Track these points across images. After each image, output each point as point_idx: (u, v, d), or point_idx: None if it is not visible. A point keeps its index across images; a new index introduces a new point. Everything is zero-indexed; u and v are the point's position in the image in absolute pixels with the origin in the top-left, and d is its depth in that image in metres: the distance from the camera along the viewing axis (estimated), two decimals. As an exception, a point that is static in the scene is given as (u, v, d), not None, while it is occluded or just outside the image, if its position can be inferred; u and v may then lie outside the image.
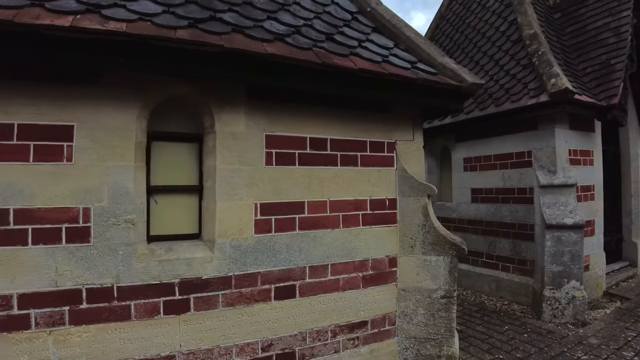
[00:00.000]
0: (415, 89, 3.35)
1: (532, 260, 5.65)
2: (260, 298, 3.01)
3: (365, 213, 3.46)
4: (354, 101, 3.33)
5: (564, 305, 5.03)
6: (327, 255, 3.28)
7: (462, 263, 6.83)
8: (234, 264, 2.92)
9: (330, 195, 3.30)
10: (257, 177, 3.01)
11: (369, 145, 3.49)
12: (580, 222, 5.00)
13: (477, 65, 6.95)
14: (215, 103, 2.89)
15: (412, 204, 3.57)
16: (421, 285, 3.55)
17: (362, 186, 3.45)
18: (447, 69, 3.57)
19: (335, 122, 3.33)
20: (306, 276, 3.19)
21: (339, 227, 3.33)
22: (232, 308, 2.91)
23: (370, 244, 3.47)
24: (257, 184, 3.01)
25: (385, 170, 3.57)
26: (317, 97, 3.18)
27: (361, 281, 3.44)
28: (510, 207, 6.01)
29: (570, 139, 5.61)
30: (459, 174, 6.93)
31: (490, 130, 6.24)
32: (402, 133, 3.67)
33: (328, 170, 3.29)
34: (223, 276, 2.87)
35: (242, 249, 2.94)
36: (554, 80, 5.07)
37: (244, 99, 2.97)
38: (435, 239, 3.49)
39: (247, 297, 2.96)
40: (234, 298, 2.91)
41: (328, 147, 3.30)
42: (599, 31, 6.53)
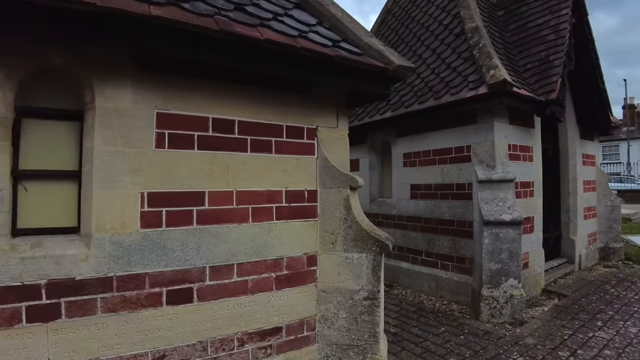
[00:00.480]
0: (337, 70, 3.01)
1: (471, 258, 5.49)
2: (149, 303, 2.57)
3: (280, 206, 3.09)
4: (267, 79, 2.95)
5: (502, 305, 4.86)
6: (233, 253, 2.87)
7: (402, 261, 6.64)
8: (116, 263, 2.45)
9: (238, 185, 2.90)
10: (145, 161, 2.57)
11: (285, 130, 3.12)
12: (519, 218, 4.85)
13: (419, 58, 6.77)
14: (96, 75, 2.43)
15: (334, 196, 3.24)
16: (343, 286, 3.21)
17: (277, 176, 3.08)
18: (373, 50, 3.28)
19: (245, 102, 2.93)
20: (206, 278, 2.77)
21: (247, 221, 2.93)
22: (114, 314, 2.44)
23: (285, 240, 3.10)
24: (145, 170, 2.56)
25: (304, 159, 3.21)
26: (223, 73, 2.78)
27: (274, 282, 3.06)
28: (449, 203, 5.83)
29: (510, 133, 5.50)
30: (398, 169, 6.71)
31: (429, 124, 6.06)
32: (324, 119, 3.33)
33: (235, 157, 2.89)
34: (102, 277, 2.40)
35: (124, 246, 2.48)
36: (493, 72, 4.91)
37: (131, 70, 2.52)
38: (358, 234, 3.16)
39: (132, 301, 2.50)
40: (116, 303, 2.45)
41: (236, 130, 2.90)
42: (540, 28, 6.53)
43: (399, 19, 8.25)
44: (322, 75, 2.99)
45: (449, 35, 6.45)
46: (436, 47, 6.57)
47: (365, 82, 3.22)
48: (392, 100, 6.60)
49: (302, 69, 2.87)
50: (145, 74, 2.57)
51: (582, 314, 5.15)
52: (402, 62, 3.26)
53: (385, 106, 6.65)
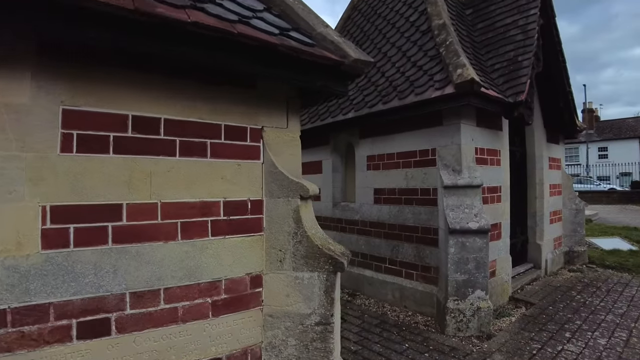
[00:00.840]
0: (284, 62, 2.60)
1: (436, 267, 5.20)
2: (55, 338, 2.08)
3: (217, 219, 2.65)
4: (202, 71, 2.52)
5: (468, 318, 4.59)
6: (159, 277, 2.42)
7: (365, 269, 6.31)
8: (10, 292, 1.96)
9: (164, 196, 2.44)
10: (47, 169, 2.08)
11: (224, 130, 2.68)
12: (486, 226, 4.59)
13: (385, 56, 6.46)
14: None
15: (282, 207, 2.83)
16: (292, 310, 2.81)
17: (214, 184, 2.64)
18: (327, 41, 2.89)
19: (174, 98, 2.48)
20: (126, 306, 2.31)
21: (175, 238, 2.48)
22: (9, 355, 1.96)
23: (224, 259, 2.67)
24: (47, 179, 2.08)
25: (247, 164, 2.79)
26: (146, 63, 2.33)
27: (211, 308, 2.63)
28: (413, 209, 5.52)
29: (477, 136, 5.24)
30: (362, 172, 6.37)
31: (394, 126, 5.74)
32: (272, 118, 2.91)
33: (161, 162, 2.43)
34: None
35: (21, 272, 1.99)
36: (460, 71, 4.63)
37: (30, 58, 2.04)
38: (309, 250, 2.77)
39: (33, 337, 2.02)
40: (11, 340, 1.96)
41: (161, 131, 2.44)
42: (508, 28, 6.34)
43: (365, 15, 7.93)
44: (267, 68, 2.58)
45: (416, 33, 6.15)
46: (402, 45, 6.26)
47: (319, 77, 2.82)
48: (356, 100, 6.26)
49: (242, 59, 2.45)
50: (48, 62, 2.08)
51: (550, 325, 4.94)
52: (360, 56, 2.88)
53: (349, 106, 6.29)
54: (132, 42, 2.11)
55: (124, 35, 2.06)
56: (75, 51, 2.13)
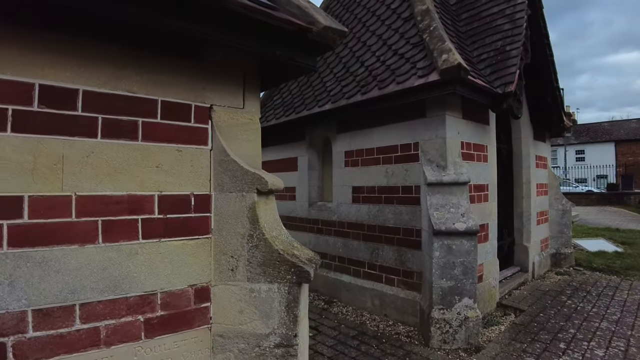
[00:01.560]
0: (239, 25, 2.11)
1: (419, 272, 4.75)
2: None
3: (150, 218, 2.12)
4: (132, 32, 2.01)
5: (455, 329, 4.14)
6: (73, 289, 1.88)
7: (343, 274, 5.83)
8: None
9: (80, 187, 1.91)
10: None
11: (161, 107, 2.16)
12: (474, 227, 4.15)
13: (364, 45, 6.01)
14: None
15: (235, 204, 2.32)
16: (246, 329, 2.30)
17: (146, 174, 2.11)
18: (292, 5, 2.43)
19: (96, 64, 1.96)
20: (28, 327, 1.77)
21: (96, 241, 1.95)
22: None
23: (159, 268, 2.15)
24: None
25: (190, 151, 2.27)
26: (62, 19, 1.81)
27: (143, 328, 2.10)
28: (394, 208, 5.06)
29: (463, 129, 4.82)
30: (340, 169, 5.88)
31: (373, 118, 5.29)
32: (224, 95, 2.41)
33: (77, 144, 1.90)
34: None
35: None
36: (446, 56, 4.20)
37: None
38: (267, 257, 2.27)
39: None
40: None
41: (79, 105, 1.91)
42: (494, 17, 5.95)
43: (343, 5, 7.47)
44: (216, 32, 2.08)
45: (397, 20, 5.72)
46: (382, 33, 5.82)
47: (282, 47, 2.34)
48: (333, 91, 5.79)
49: (183, 19, 1.94)
50: None
51: (542, 334, 4.54)
52: (331, 24, 2.41)
53: (326, 97, 5.82)
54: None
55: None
56: None
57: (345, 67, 6.03)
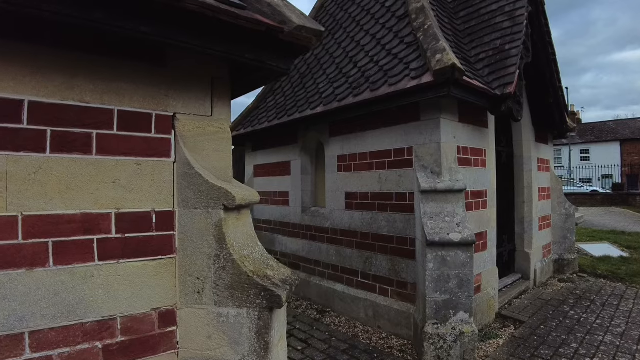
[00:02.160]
0: (201, 26, 1.91)
1: (413, 284, 4.54)
2: None
3: (107, 238, 1.93)
4: (83, 37, 1.82)
5: (450, 344, 3.93)
6: (21, 316, 1.69)
7: (336, 282, 5.63)
8: None
9: (27, 207, 1.72)
10: None
11: (117, 117, 1.96)
12: (470, 238, 3.93)
13: (358, 45, 5.80)
14: None
15: (200, 221, 2.13)
16: (215, 355, 2.11)
17: (101, 190, 1.92)
18: (262, 3, 2.21)
19: (46, 72, 1.76)
20: (-34, 360, 1.60)
21: (46, 264, 1.75)
22: None
23: (118, 291, 1.95)
24: None
25: (151, 164, 2.07)
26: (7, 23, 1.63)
27: (102, 355, 1.90)
28: (387, 216, 4.85)
29: (460, 133, 4.60)
30: (332, 174, 5.67)
31: (366, 122, 5.08)
32: (189, 102, 2.20)
33: (23, 160, 1.71)
34: None
35: None
36: (440, 56, 3.98)
37: None
38: (235, 279, 2.07)
39: None
40: None
41: (24, 117, 1.72)
42: (493, 15, 5.75)
43: (338, 4, 7.27)
44: (177, 34, 1.87)
45: (392, 19, 5.51)
46: (376, 33, 5.61)
47: (250, 50, 2.13)
48: (325, 93, 5.58)
49: (133, 20, 1.74)
50: None
51: (543, 349, 4.32)
52: (306, 23, 2.20)
53: (318, 100, 5.61)
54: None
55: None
56: None
57: (339, 68, 5.82)
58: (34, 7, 1.51)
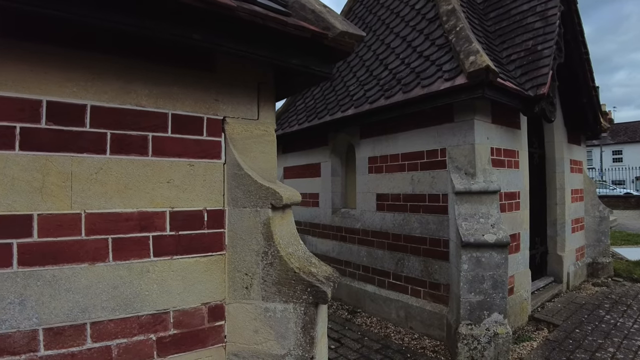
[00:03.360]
0: (250, 33, 2.02)
1: (446, 285, 4.54)
2: None
3: (162, 235, 2.05)
4: (137, 44, 1.94)
5: (484, 345, 3.92)
6: (83, 308, 1.82)
7: (367, 283, 5.67)
8: None
9: (89, 205, 1.85)
10: None
11: (171, 120, 2.09)
12: (505, 239, 3.92)
13: (388, 47, 5.85)
14: None
15: (249, 220, 2.23)
16: (261, 349, 2.20)
17: (157, 190, 2.04)
18: (306, 10, 2.32)
19: (105, 78, 1.90)
20: (39, 346, 1.72)
21: (106, 259, 1.88)
22: None
23: (171, 286, 2.07)
24: None
25: (203, 165, 2.19)
26: (64, 33, 1.76)
27: (156, 347, 2.02)
28: (420, 217, 4.87)
29: (493, 135, 4.59)
30: (363, 176, 5.73)
31: (398, 123, 5.12)
32: (237, 106, 2.31)
33: (85, 161, 1.84)
34: None
35: None
36: (473, 58, 4.00)
37: None
38: (282, 276, 2.16)
39: None
40: None
41: (87, 121, 1.85)
42: (524, 15, 5.70)
43: (367, 7, 7.34)
44: (225, 40, 1.98)
45: (422, 21, 5.54)
46: (407, 35, 5.65)
47: (295, 55, 2.23)
48: (356, 95, 5.65)
49: (187, 28, 1.85)
50: None
51: (578, 352, 4.26)
52: (348, 28, 2.28)
53: (349, 102, 5.69)
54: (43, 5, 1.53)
55: None
56: None
57: (369, 70, 5.89)
58: (96, 18, 1.63)
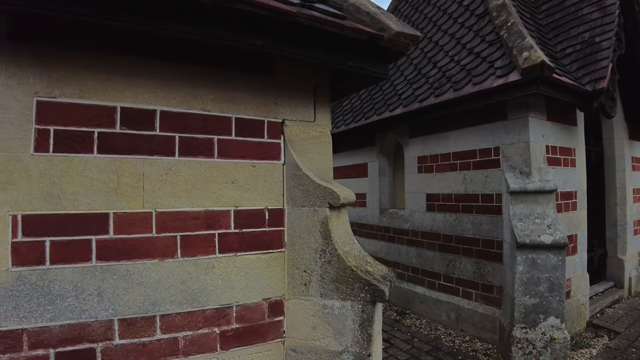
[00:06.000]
0: (308, 37, 2.08)
1: (499, 287, 4.44)
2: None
3: (226, 233, 2.16)
4: (202, 51, 2.05)
5: (539, 350, 3.81)
6: (154, 301, 1.96)
7: (416, 285, 5.62)
8: None
9: (160, 204, 1.98)
10: (19, 171, 1.71)
11: (235, 124, 2.19)
12: (562, 240, 3.79)
13: (436, 45, 5.78)
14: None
15: (307, 218, 2.29)
16: (319, 345, 2.26)
17: (222, 190, 2.15)
18: (362, 13, 2.35)
19: (173, 84, 2.03)
20: (114, 335, 1.87)
21: (174, 255, 2.01)
22: None
23: (234, 281, 2.17)
24: (18, 183, 1.71)
25: (264, 166, 2.28)
26: (136, 43, 1.90)
27: (219, 340, 2.14)
28: (472, 218, 4.78)
29: (548, 132, 4.44)
30: (412, 176, 5.69)
31: (448, 122, 5.05)
32: (295, 109, 2.39)
33: (156, 163, 1.98)
34: None
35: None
36: (527, 54, 3.89)
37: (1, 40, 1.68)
38: (340, 273, 2.21)
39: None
40: None
41: (157, 125, 1.99)
42: (580, 6, 5.46)
43: (412, 5, 7.29)
44: (285, 46, 2.06)
45: (470, 17, 5.44)
46: (455, 32, 5.56)
47: (352, 57, 2.27)
48: (404, 94, 5.63)
49: (250, 34, 1.94)
50: (21, 45, 1.71)
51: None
52: (404, 29, 2.30)
53: (397, 101, 5.67)
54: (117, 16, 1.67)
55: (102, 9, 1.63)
56: (53, 33, 1.75)
57: (417, 69, 5.85)
58: (166, 29, 1.75)
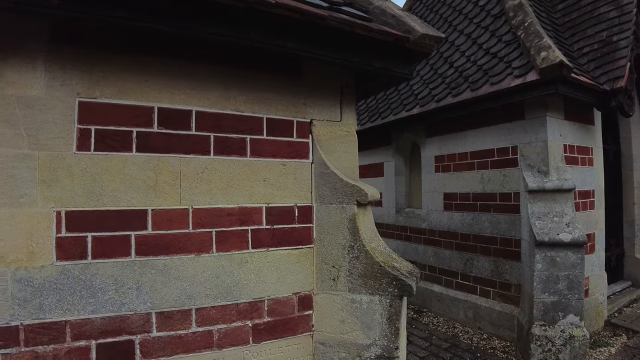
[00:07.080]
0: (336, 40, 2.16)
1: (517, 285, 4.47)
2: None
3: (259, 229, 2.24)
4: (237, 53, 2.14)
5: (558, 347, 3.83)
6: (189, 295, 2.05)
7: (433, 283, 5.66)
8: (22, 307, 1.72)
9: (196, 201, 2.08)
10: (63, 169, 1.81)
11: (266, 124, 2.28)
12: (581, 238, 3.81)
13: (452, 45, 5.83)
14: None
15: (335, 215, 2.37)
16: (347, 338, 2.33)
17: (254, 187, 2.24)
18: (387, 15, 2.43)
19: (206, 86, 2.12)
20: (152, 327, 1.97)
21: (210, 250, 2.10)
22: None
23: (266, 276, 2.26)
24: (62, 181, 1.81)
25: (293, 164, 2.36)
26: (173, 44, 1.99)
27: (251, 333, 2.22)
28: (490, 216, 4.82)
29: (566, 131, 4.46)
30: (429, 175, 5.74)
31: (466, 121, 5.09)
32: (322, 109, 2.47)
33: (192, 162, 2.07)
34: (3, 327, 1.69)
35: (34, 285, 1.75)
36: (545, 54, 3.92)
37: (42, 44, 1.78)
38: (368, 269, 2.28)
39: (47, 359, 1.76)
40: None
41: (193, 125, 2.08)
42: (596, 5, 5.46)
43: (427, 6, 7.33)
44: (315, 48, 2.14)
45: (487, 17, 5.47)
46: (471, 32, 5.60)
47: (378, 58, 2.34)
48: (421, 94, 5.67)
49: (281, 37, 2.02)
50: (63, 48, 1.82)
51: (663, 360, 4.04)
52: (428, 31, 2.36)
53: (413, 101, 5.72)
54: (154, 19, 1.76)
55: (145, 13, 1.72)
56: (94, 36, 1.85)
57: (433, 68, 5.89)
58: (202, 32, 1.83)
